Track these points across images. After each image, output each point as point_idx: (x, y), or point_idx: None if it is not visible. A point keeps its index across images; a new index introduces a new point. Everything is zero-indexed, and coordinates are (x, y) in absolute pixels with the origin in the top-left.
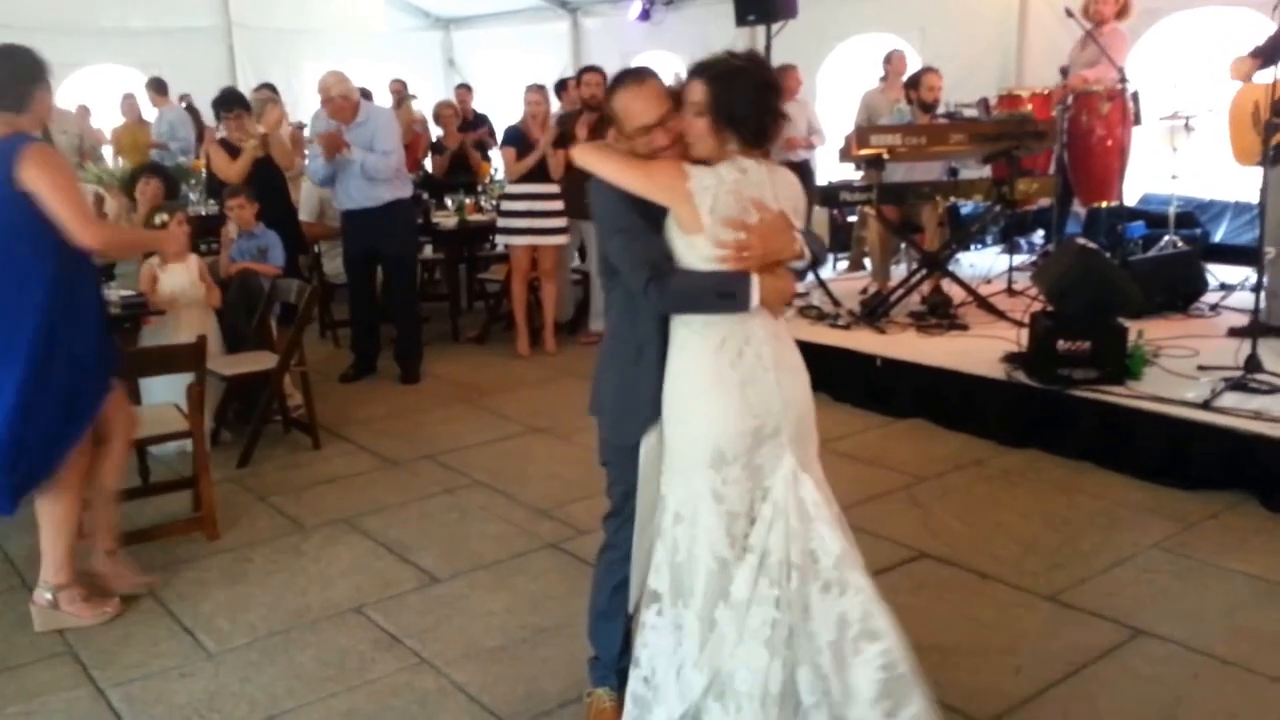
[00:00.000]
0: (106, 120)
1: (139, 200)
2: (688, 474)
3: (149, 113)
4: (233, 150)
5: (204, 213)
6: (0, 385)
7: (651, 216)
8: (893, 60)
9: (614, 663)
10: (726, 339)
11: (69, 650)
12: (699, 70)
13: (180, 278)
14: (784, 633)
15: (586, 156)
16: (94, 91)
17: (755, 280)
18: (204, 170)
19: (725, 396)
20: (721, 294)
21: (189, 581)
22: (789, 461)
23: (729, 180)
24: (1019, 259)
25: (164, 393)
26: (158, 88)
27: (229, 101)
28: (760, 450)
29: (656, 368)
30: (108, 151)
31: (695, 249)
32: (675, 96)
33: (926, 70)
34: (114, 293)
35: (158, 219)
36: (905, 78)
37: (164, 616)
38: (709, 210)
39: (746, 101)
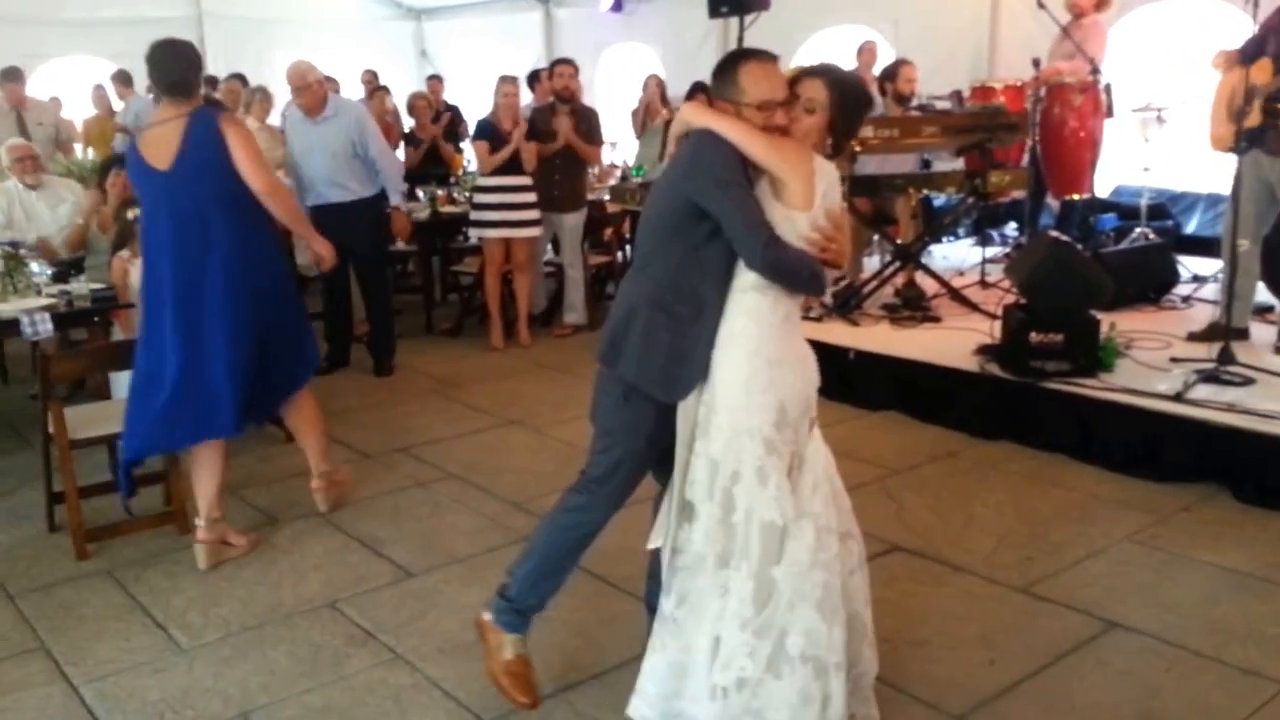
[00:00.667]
0: (77, 112)
1: (109, 192)
2: (753, 434)
3: (116, 105)
4: None
5: None
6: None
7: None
8: (864, 52)
9: (530, 612)
10: (789, 315)
11: (41, 646)
12: (820, 72)
13: None
14: (829, 596)
15: (707, 116)
16: (65, 83)
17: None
18: None
19: (794, 364)
20: (813, 274)
21: (161, 576)
22: (818, 433)
23: (835, 175)
24: (992, 251)
25: None
26: (123, 80)
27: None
28: (804, 419)
29: (711, 329)
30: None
31: (793, 224)
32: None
33: (902, 62)
34: (84, 286)
35: (130, 214)
36: (879, 70)
37: (136, 611)
38: (821, 195)
39: (856, 112)
